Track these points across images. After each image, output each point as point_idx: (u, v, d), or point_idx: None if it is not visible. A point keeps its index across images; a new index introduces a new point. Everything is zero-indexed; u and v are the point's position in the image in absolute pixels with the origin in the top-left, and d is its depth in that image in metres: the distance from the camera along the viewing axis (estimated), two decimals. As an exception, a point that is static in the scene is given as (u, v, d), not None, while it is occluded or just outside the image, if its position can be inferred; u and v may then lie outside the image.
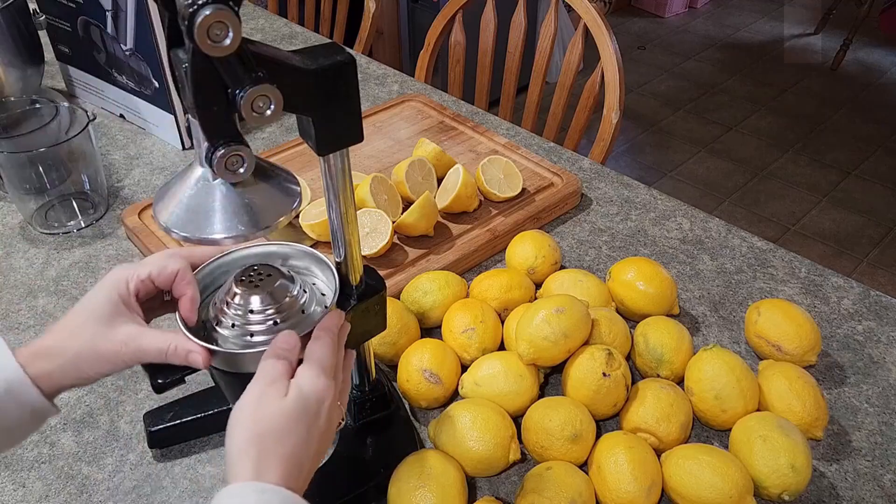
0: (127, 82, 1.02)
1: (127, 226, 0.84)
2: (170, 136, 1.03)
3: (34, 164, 0.82)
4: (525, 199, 0.88)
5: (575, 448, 0.59)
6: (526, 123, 1.24)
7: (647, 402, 0.62)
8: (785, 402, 0.62)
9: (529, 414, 0.62)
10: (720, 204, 2.31)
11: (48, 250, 0.85)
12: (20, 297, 0.78)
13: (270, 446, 0.41)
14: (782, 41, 3.29)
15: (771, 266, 0.82)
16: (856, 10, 2.97)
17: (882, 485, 0.60)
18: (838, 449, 0.63)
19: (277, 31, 1.38)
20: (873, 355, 0.71)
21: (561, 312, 0.63)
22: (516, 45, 1.26)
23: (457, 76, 1.34)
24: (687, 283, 0.80)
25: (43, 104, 0.86)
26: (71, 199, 0.88)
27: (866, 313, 0.75)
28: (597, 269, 0.82)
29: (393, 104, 1.08)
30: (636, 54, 3.18)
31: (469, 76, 1.34)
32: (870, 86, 2.95)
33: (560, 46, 2.57)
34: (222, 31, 0.39)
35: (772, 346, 0.68)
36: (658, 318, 0.70)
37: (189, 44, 0.41)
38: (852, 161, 2.50)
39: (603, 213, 0.90)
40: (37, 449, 0.63)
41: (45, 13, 1.05)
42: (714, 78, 3.01)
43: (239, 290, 0.47)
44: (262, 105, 0.42)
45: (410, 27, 2.60)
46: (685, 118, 2.75)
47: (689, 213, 0.90)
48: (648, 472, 0.57)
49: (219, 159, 0.44)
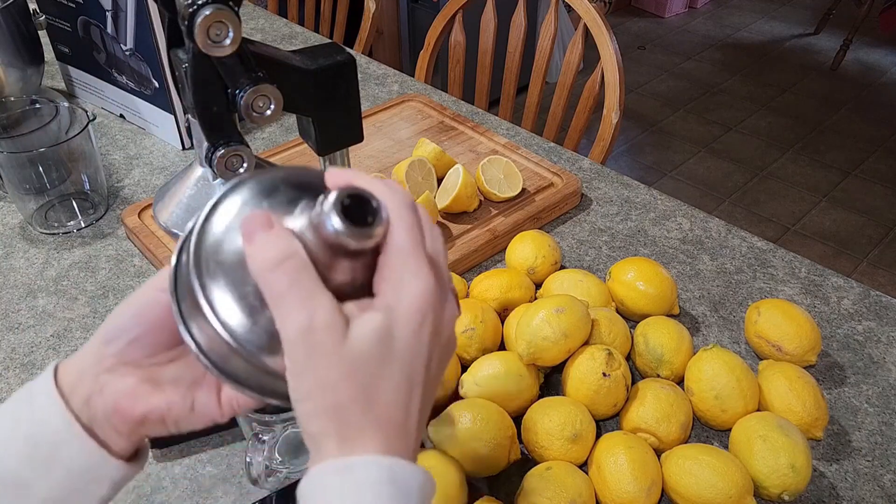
0: (127, 82, 1.02)
1: (127, 226, 0.84)
2: (170, 136, 1.03)
3: (34, 164, 0.82)
4: (525, 199, 0.88)
5: (575, 448, 0.59)
6: (526, 123, 1.24)
7: (647, 402, 0.62)
8: (785, 403, 0.62)
9: (529, 414, 0.62)
10: (720, 204, 2.31)
11: (48, 250, 0.85)
12: (20, 298, 0.78)
13: (354, 416, 0.30)
14: (782, 41, 3.29)
15: (771, 266, 0.82)
16: (855, 10, 2.97)
17: (882, 485, 0.60)
18: (838, 449, 0.63)
19: (277, 31, 1.38)
20: (873, 355, 0.71)
21: (561, 312, 0.63)
22: (516, 45, 1.26)
23: (457, 76, 1.34)
24: (687, 284, 0.80)
25: (43, 104, 0.86)
26: (71, 199, 0.88)
27: (866, 313, 0.75)
28: (597, 269, 0.82)
29: (393, 104, 1.08)
30: (636, 54, 3.18)
31: (469, 76, 1.34)
32: (870, 86, 2.95)
33: (560, 46, 2.57)
34: (222, 32, 0.39)
35: (772, 346, 0.68)
36: (658, 318, 0.70)
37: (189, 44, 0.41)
38: (852, 161, 2.50)
39: (603, 213, 0.90)
40: (37, 449, 0.63)
41: (45, 13, 1.05)
42: (714, 78, 3.01)
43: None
44: (262, 105, 0.42)
45: (410, 27, 2.60)
46: (685, 118, 2.75)
47: (690, 213, 0.90)
48: (648, 473, 0.57)
49: (219, 159, 0.44)
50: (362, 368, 0.30)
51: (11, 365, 0.71)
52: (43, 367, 0.70)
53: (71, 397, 0.36)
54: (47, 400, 0.36)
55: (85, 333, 0.74)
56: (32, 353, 0.72)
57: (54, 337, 0.74)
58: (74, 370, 0.37)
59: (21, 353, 0.72)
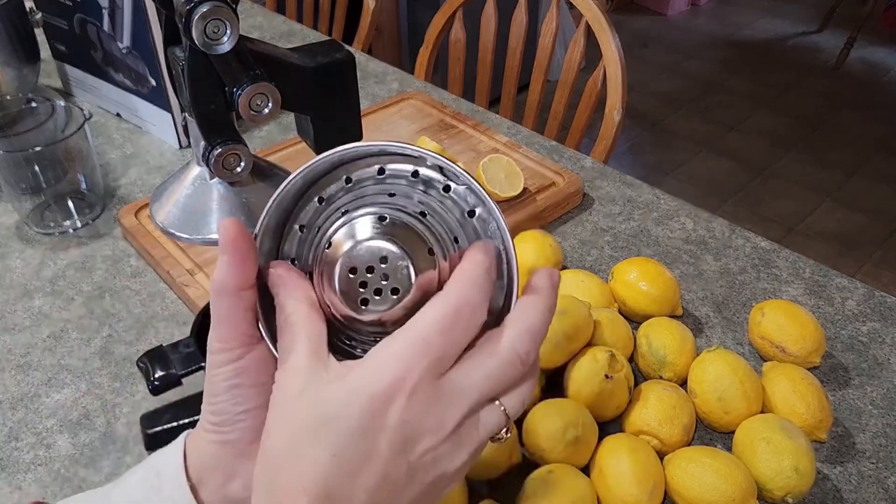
0: (124, 80, 1.02)
1: (123, 226, 0.84)
2: (167, 135, 1.02)
3: (30, 164, 0.82)
4: (526, 199, 0.87)
5: (577, 451, 0.58)
6: (527, 122, 1.23)
7: (649, 404, 0.61)
8: (789, 404, 0.61)
9: (531, 416, 0.61)
10: (723, 204, 2.30)
11: (44, 250, 0.84)
12: (16, 298, 0.78)
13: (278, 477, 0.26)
14: (785, 39, 3.28)
15: (775, 266, 0.81)
16: (859, 8, 2.96)
17: (886, 487, 0.59)
18: (842, 451, 0.62)
19: (276, 28, 1.37)
20: (878, 356, 0.70)
21: (563, 314, 0.63)
22: (517, 42, 1.25)
23: (457, 74, 1.33)
24: (690, 284, 0.79)
25: (39, 103, 0.86)
26: (67, 199, 0.88)
27: (871, 314, 0.75)
28: (599, 270, 0.81)
29: (392, 102, 1.08)
30: (638, 52, 3.17)
31: (469, 74, 1.33)
32: (873, 84, 2.94)
33: (562, 44, 2.56)
34: (220, 29, 0.39)
35: (775, 347, 0.67)
36: (661, 319, 0.69)
37: (186, 41, 0.40)
38: (856, 160, 2.49)
39: (605, 212, 0.89)
40: (33, 451, 0.63)
41: (42, 11, 1.04)
42: (717, 76, 3.00)
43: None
44: (260, 103, 0.42)
45: (410, 24, 2.59)
46: (688, 117, 2.74)
47: (693, 213, 0.89)
48: (651, 475, 0.56)
49: (216, 158, 0.44)
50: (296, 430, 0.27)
51: (7, 366, 0.70)
52: (39, 368, 0.70)
53: (199, 488, 0.32)
54: (177, 493, 0.32)
55: (81, 334, 0.73)
56: (28, 355, 0.71)
57: (50, 338, 0.73)
58: (195, 460, 0.33)
59: (17, 355, 0.71)
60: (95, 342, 0.73)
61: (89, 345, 0.72)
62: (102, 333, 0.73)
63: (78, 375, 0.69)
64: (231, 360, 0.31)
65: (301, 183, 0.32)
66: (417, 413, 0.25)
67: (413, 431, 0.26)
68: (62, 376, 0.69)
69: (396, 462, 0.25)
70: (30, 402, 0.67)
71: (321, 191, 0.32)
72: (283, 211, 0.32)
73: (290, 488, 0.26)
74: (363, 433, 0.25)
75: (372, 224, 0.29)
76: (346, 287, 0.28)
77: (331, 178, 0.32)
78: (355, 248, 0.28)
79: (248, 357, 0.31)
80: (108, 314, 0.76)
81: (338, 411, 0.25)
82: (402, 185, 0.32)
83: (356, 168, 0.32)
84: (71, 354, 0.71)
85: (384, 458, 0.25)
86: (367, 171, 0.32)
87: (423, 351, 0.26)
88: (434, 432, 0.26)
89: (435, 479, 0.27)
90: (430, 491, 0.27)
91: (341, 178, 0.32)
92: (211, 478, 0.32)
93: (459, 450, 0.27)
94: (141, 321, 0.75)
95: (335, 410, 0.25)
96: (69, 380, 0.69)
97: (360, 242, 0.28)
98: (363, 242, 0.28)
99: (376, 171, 0.32)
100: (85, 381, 0.69)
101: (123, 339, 0.73)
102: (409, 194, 0.31)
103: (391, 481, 0.26)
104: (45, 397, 0.67)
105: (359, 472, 0.25)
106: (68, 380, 0.69)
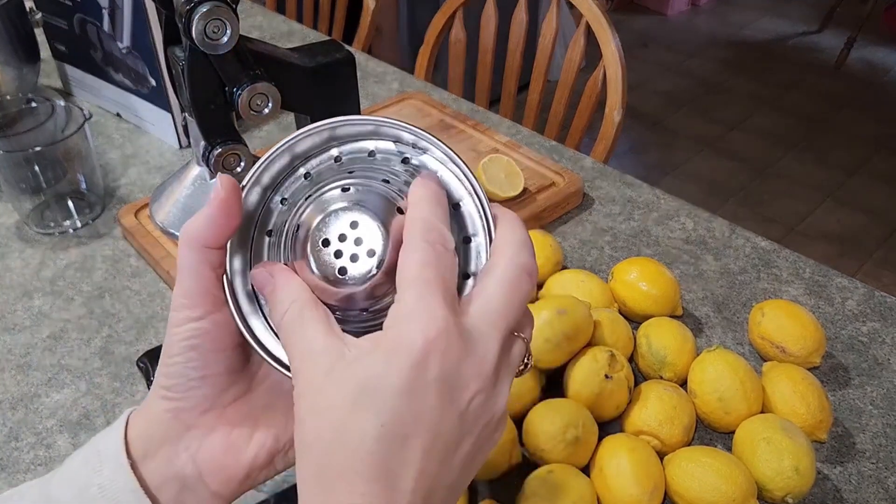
0: (123, 80, 1.02)
1: (123, 226, 0.84)
2: (167, 135, 1.02)
3: (30, 164, 0.82)
4: (526, 199, 0.87)
5: (576, 451, 0.58)
6: (527, 122, 1.23)
7: (649, 404, 0.61)
8: (789, 404, 0.61)
9: (530, 416, 0.61)
10: (723, 204, 2.30)
11: (44, 250, 0.84)
12: (16, 298, 0.78)
13: (342, 484, 0.24)
14: (786, 39, 3.28)
15: (775, 266, 0.81)
16: (859, 8, 2.96)
17: (886, 487, 0.59)
18: (842, 451, 0.62)
19: (275, 28, 1.37)
20: (878, 356, 0.70)
21: (563, 314, 0.63)
22: (517, 42, 1.25)
23: (457, 74, 1.33)
24: (690, 284, 0.79)
25: (39, 103, 0.86)
26: (67, 199, 0.88)
27: (871, 314, 0.75)
28: (599, 270, 0.81)
29: (392, 102, 1.08)
30: (639, 52, 3.17)
31: (469, 74, 1.33)
32: (874, 84, 2.94)
33: (562, 44, 2.55)
34: (220, 29, 0.39)
35: (776, 347, 0.67)
36: (661, 319, 0.69)
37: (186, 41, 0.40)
38: (857, 160, 2.49)
39: (605, 212, 0.89)
40: (33, 451, 0.63)
41: (42, 11, 1.04)
42: (717, 76, 3.00)
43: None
44: (260, 103, 0.42)
45: (410, 24, 2.59)
46: (688, 117, 2.74)
47: (693, 213, 0.89)
48: (651, 475, 0.56)
49: (216, 158, 0.44)
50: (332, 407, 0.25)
51: (7, 366, 0.70)
52: (39, 368, 0.70)
53: (143, 464, 0.32)
54: (118, 474, 0.31)
55: (81, 334, 0.73)
56: (28, 355, 0.71)
57: (50, 338, 0.73)
58: (142, 433, 0.32)
59: (17, 355, 0.71)
60: (95, 342, 0.73)
61: (89, 345, 0.72)
62: (102, 333, 0.73)
63: (78, 375, 0.69)
64: (192, 318, 0.30)
65: (269, 191, 0.33)
66: (456, 359, 0.25)
67: (458, 379, 0.25)
68: (62, 376, 0.69)
69: (447, 415, 0.25)
70: (30, 402, 0.67)
71: (283, 192, 0.33)
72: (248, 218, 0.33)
73: (342, 473, 0.24)
74: (410, 392, 0.24)
75: (338, 196, 0.30)
76: (323, 261, 0.29)
77: (294, 178, 0.33)
78: (324, 220, 0.29)
79: (211, 318, 0.30)
80: (107, 314, 0.76)
81: (379, 377, 0.24)
82: (360, 163, 0.32)
83: (312, 159, 0.33)
84: (71, 354, 0.71)
85: (435, 414, 0.24)
86: (325, 158, 0.33)
87: (431, 292, 0.25)
88: (476, 376, 0.26)
89: (484, 425, 0.26)
90: (480, 443, 0.26)
91: (299, 174, 0.33)
92: (158, 452, 0.32)
93: (501, 387, 0.27)
94: (141, 321, 0.75)
95: (376, 376, 0.24)
96: (69, 380, 0.69)
97: (328, 214, 0.29)
98: (330, 214, 0.29)
99: (334, 158, 0.33)
100: (85, 381, 0.69)
101: (123, 339, 0.73)
102: (372, 169, 0.32)
103: (444, 439, 0.25)
104: (45, 397, 0.67)
105: (412, 436, 0.24)
106: (68, 380, 0.69)
